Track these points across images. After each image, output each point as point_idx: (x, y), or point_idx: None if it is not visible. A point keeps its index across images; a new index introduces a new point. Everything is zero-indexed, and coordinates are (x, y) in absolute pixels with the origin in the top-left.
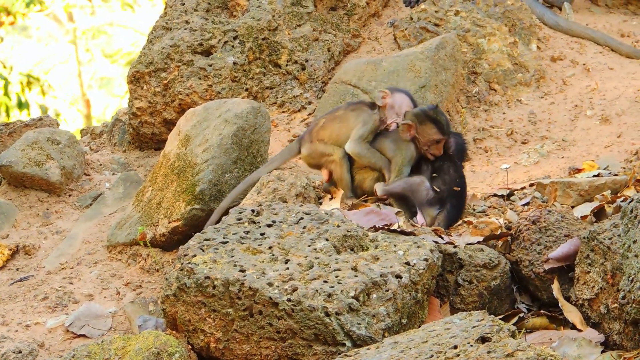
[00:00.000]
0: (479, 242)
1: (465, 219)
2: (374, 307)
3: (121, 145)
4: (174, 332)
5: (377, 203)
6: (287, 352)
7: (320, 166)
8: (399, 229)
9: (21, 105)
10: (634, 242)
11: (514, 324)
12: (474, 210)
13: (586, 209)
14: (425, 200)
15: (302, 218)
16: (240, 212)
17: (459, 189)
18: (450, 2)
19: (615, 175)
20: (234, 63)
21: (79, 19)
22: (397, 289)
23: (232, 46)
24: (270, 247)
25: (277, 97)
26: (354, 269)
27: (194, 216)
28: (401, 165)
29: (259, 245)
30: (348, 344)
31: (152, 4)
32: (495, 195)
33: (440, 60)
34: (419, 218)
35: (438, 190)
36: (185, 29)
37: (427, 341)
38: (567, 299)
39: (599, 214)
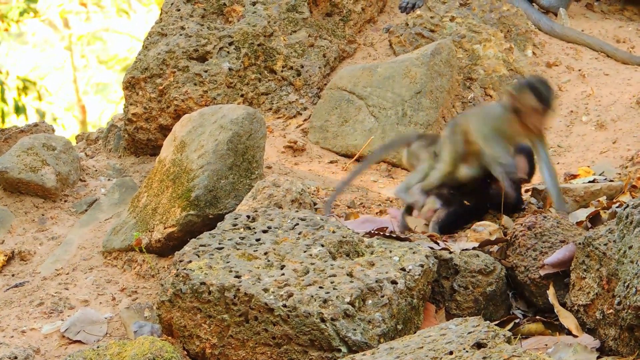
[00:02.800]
0: (474, 248)
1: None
2: (369, 313)
3: (117, 151)
4: (170, 337)
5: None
6: (283, 358)
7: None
8: (394, 235)
9: (18, 110)
10: (630, 247)
11: (509, 330)
12: None
13: (582, 214)
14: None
15: (297, 224)
16: (236, 218)
17: (469, 204)
18: (445, 8)
19: (611, 181)
20: (230, 69)
21: (75, 25)
22: (393, 295)
23: (228, 52)
24: (265, 253)
25: (273, 103)
26: (350, 274)
27: (190, 222)
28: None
29: (254, 251)
30: (344, 349)
31: (148, 10)
32: None
33: (436, 66)
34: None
35: (451, 191)
36: (181, 34)
37: (422, 347)
38: (563, 304)
39: (594, 219)
